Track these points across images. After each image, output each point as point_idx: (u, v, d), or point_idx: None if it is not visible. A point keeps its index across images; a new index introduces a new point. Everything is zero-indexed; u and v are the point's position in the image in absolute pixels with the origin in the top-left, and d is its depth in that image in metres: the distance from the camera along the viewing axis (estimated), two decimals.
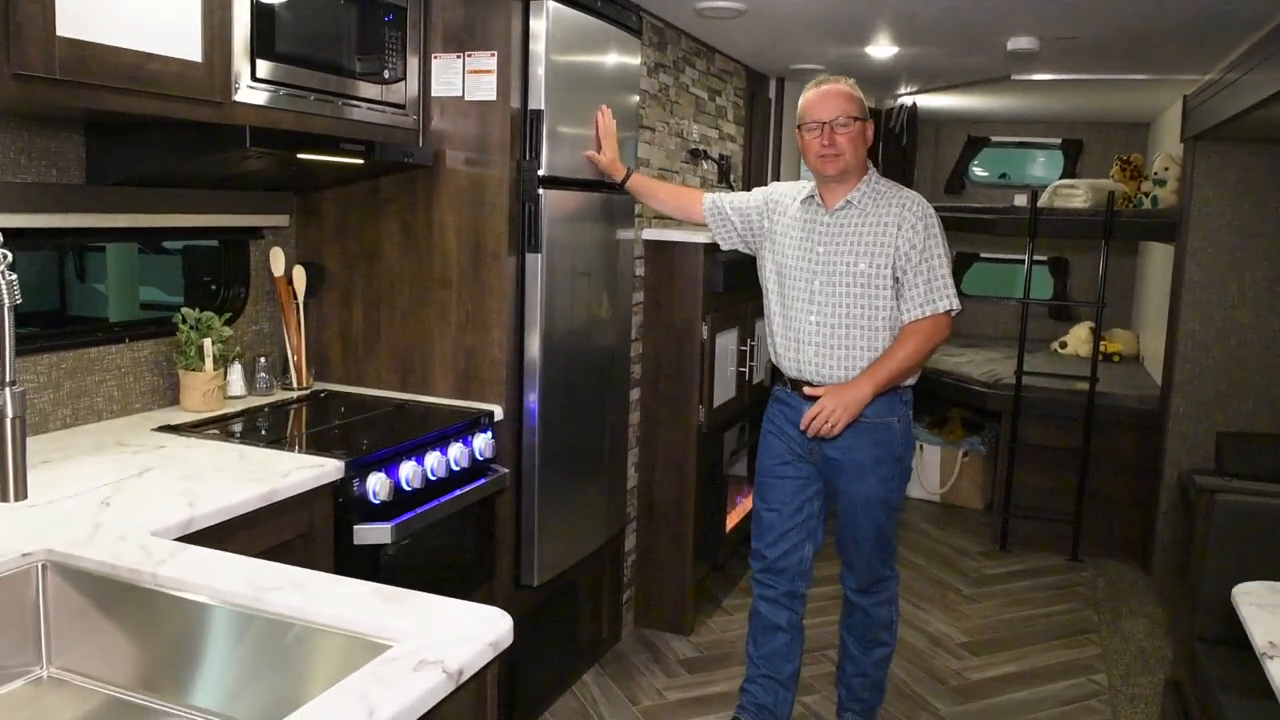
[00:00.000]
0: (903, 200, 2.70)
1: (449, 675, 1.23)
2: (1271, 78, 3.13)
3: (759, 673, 2.97)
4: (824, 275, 2.72)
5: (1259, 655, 1.69)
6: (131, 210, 2.43)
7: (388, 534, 2.28)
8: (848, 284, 2.69)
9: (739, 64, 4.73)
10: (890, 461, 2.77)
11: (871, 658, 3.02)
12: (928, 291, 2.66)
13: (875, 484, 2.77)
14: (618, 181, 3.13)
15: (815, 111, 2.70)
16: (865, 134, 2.73)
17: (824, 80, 2.75)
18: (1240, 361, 4.51)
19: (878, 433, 2.74)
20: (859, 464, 2.76)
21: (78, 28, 1.80)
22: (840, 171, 2.70)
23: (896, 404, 2.76)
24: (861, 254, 2.68)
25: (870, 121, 2.76)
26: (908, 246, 2.65)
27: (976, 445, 5.73)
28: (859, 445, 2.75)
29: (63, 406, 2.36)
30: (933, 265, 2.66)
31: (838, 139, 2.66)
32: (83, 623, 1.55)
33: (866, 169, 2.77)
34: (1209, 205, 4.50)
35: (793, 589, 2.93)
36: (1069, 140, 6.81)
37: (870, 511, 2.81)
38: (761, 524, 2.93)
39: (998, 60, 4.30)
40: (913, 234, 2.65)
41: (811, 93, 2.74)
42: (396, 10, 2.67)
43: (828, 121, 2.67)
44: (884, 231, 2.67)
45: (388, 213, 2.95)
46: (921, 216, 2.67)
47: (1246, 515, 2.86)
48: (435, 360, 2.94)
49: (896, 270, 2.66)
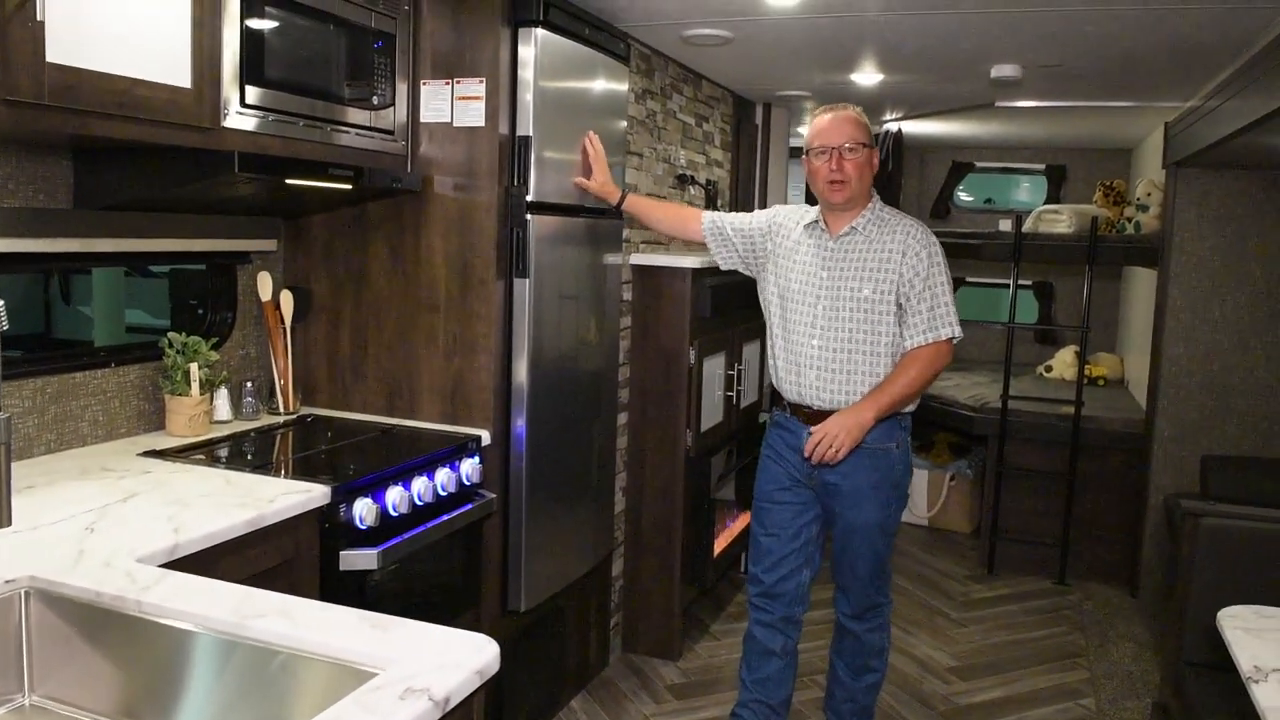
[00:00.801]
0: (907, 228, 2.74)
1: (435, 703, 1.23)
2: (1252, 104, 3.17)
3: (751, 697, 2.96)
4: (827, 300, 2.75)
5: (1244, 679, 1.69)
6: (119, 235, 2.42)
7: (374, 560, 2.27)
8: (851, 309, 2.72)
9: (726, 90, 4.76)
10: (889, 487, 2.78)
11: (861, 684, 3.01)
12: (930, 318, 2.69)
13: (874, 510, 2.78)
14: (613, 205, 3.15)
15: (825, 136, 2.73)
16: (872, 161, 2.77)
17: (834, 107, 2.79)
18: (1224, 385, 4.54)
19: (877, 458, 2.75)
20: (859, 489, 2.77)
21: (67, 54, 1.81)
22: (847, 199, 2.73)
23: (896, 430, 2.78)
24: (866, 279, 2.71)
25: (876, 149, 2.81)
26: (911, 274, 2.68)
27: (963, 469, 5.75)
28: (859, 471, 2.76)
29: (47, 431, 2.35)
30: (935, 292, 2.69)
31: (846, 165, 2.70)
32: (66, 650, 1.54)
33: (871, 196, 2.80)
34: (1191, 230, 4.54)
35: (789, 614, 2.92)
36: (1053, 166, 6.88)
37: (868, 537, 2.81)
38: (760, 549, 2.94)
39: (981, 88, 4.34)
40: (917, 261, 2.68)
41: (821, 118, 2.78)
42: (385, 37, 2.69)
43: (836, 146, 2.70)
44: (889, 258, 2.70)
45: (376, 238, 2.95)
46: (926, 245, 2.71)
47: (1231, 539, 2.87)
48: (423, 385, 2.93)
49: (900, 297, 2.70)
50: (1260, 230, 4.47)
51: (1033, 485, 5.09)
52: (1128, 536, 4.89)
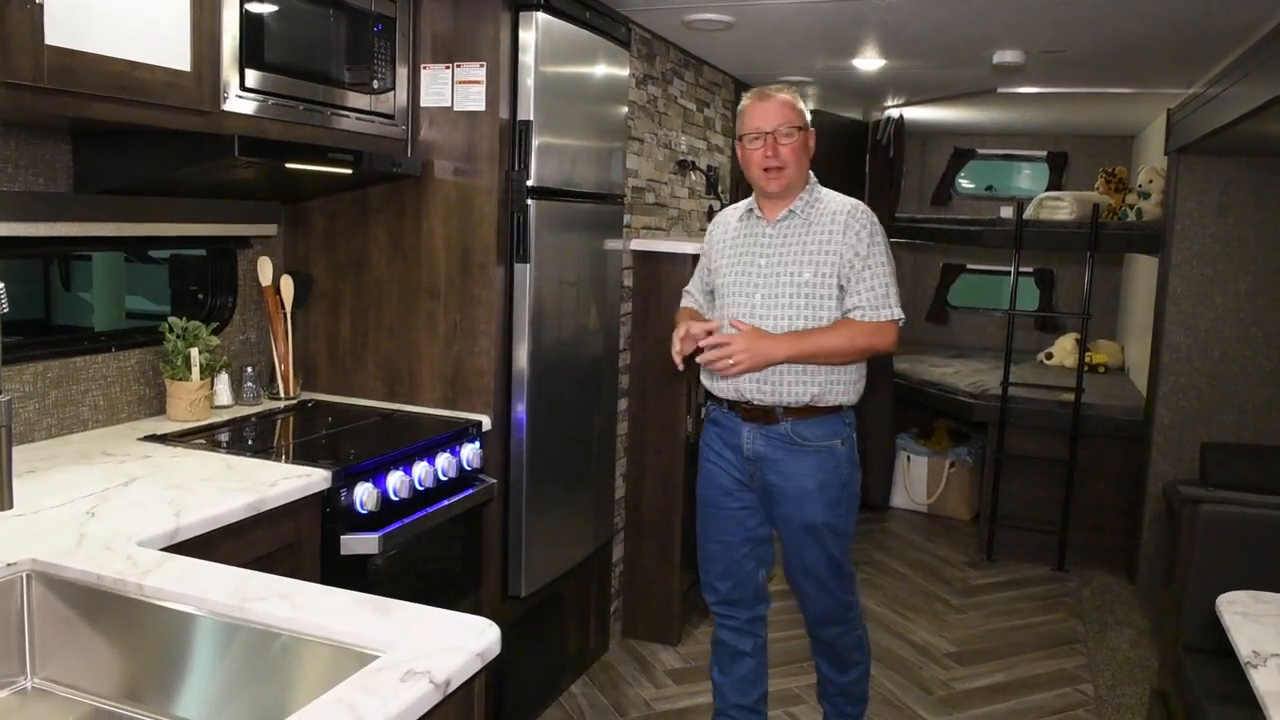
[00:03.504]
0: (847, 208, 2.61)
1: (436, 685, 1.23)
2: (1254, 91, 3.16)
3: (728, 704, 2.86)
4: (766, 288, 2.61)
5: (1243, 664, 1.70)
6: (119, 219, 2.42)
7: (375, 544, 2.27)
8: (791, 294, 2.58)
9: (727, 75, 4.75)
10: (836, 487, 2.64)
11: (848, 678, 2.92)
12: (871, 298, 2.55)
13: (821, 510, 2.63)
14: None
15: (756, 121, 2.59)
16: (808, 144, 2.63)
17: (764, 89, 2.64)
18: (1224, 373, 4.54)
19: (821, 457, 2.62)
20: (804, 491, 2.62)
21: (66, 36, 1.80)
22: (784, 186, 2.60)
23: (840, 426, 2.65)
24: (806, 263, 2.58)
25: (811, 131, 2.66)
26: (851, 254, 2.55)
27: (963, 456, 5.75)
28: (802, 471, 2.62)
29: (48, 416, 2.35)
30: (876, 273, 2.56)
31: (781, 150, 2.57)
32: (67, 633, 1.54)
33: (808, 179, 2.67)
34: (1192, 218, 4.54)
35: (754, 614, 2.82)
36: (1054, 153, 6.86)
37: (819, 540, 2.66)
38: (709, 555, 2.82)
39: (984, 73, 4.33)
40: (856, 241, 2.56)
41: (751, 102, 2.63)
42: (386, 21, 2.68)
43: (770, 131, 2.57)
44: (829, 239, 2.58)
45: (376, 222, 2.95)
46: (865, 224, 2.58)
47: (1230, 525, 2.88)
48: (423, 370, 2.93)
49: (841, 278, 2.57)
50: (1262, 218, 4.46)
51: (1032, 472, 5.10)
52: (1127, 523, 4.90)
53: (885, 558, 5.06)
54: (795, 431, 2.61)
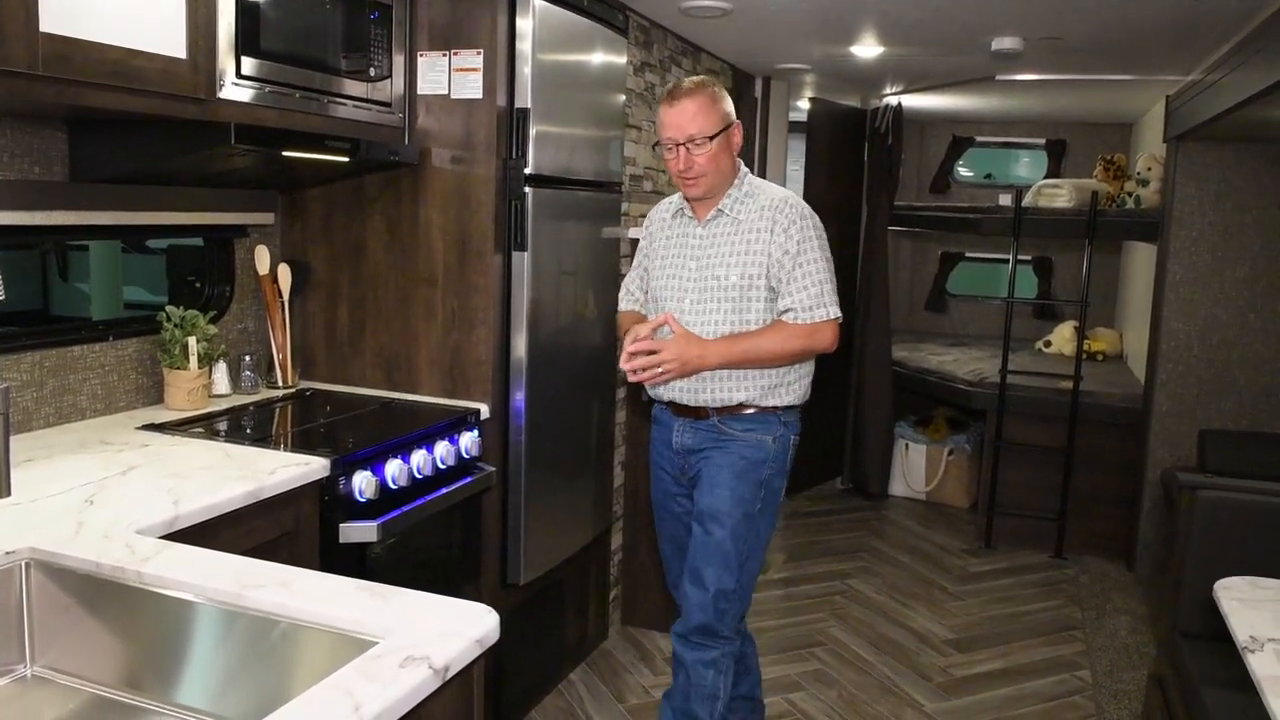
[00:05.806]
0: (775, 203, 2.46)
1: (435, 671, 1.23)
2: (1253, 78, 3.16)
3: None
4: (695, 292, 2.49)
5: (1240, 649, 1.70)
6: (115, 208, 2.42)
7: (374, 532, 2.28)
8: (719, 299, 2.46)
9: (725, 63, 4.73)
10: (752, 483, 2.49)
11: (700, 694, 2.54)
12: (804, 299, 2.40)
13: (728, 497, 2.47)
14: None
15: (669, 130, 2.43)
16: (729, 143, 2.47)
17: (677, 89, 2.44)
18: (1222, 360, 4.55)
19: (745, 448, 2.50)
20: (717, 472, 2.50)
21: (61, 24, 1.79)
22: (703, 193, 2.47)
23: (773, 423, 2.52)
24: (733, 265, 2.44)
25: (737, 124, 2.50)
26: (780, 253, 2.41)
27: (962, 444, 5.76)
28: (722, 457, 2.51)
29: (46, 405, 2.35)
30: (808, 271, 2.41)
31: (696, 160, 2.41)
32: (66, 621, 1.54)
33: (737, 172, 2.52)
34: (1191, 205, 4.53)
35: None
36: (1053, 140, 6.85)
37: (718, 526, 2.47)
38: (665, 557, 2.78)
39: (982, 60, 4.32)
40: (785, 239, 2.41)
41: (663, 107, 2.45)
42: (382, 8, 2.67)
43: (682, 143, 2.41)
44: (756, 239, 2.44)
45: (373, 211, 2.94)
46: (795, 220, 2.43)
47: (1228, 511, 2.88)
48: (421, 358, 2.93)
49: (770, 279, 2.43)
50: (1261, 205, 4.46)
51: (1030, 460, 5.10)
52: (1125, 510, 4.91)
53: (884, 545, 5.06)
54: (723, 424, 2.52)
